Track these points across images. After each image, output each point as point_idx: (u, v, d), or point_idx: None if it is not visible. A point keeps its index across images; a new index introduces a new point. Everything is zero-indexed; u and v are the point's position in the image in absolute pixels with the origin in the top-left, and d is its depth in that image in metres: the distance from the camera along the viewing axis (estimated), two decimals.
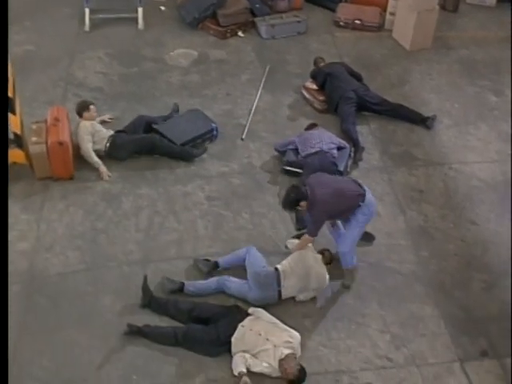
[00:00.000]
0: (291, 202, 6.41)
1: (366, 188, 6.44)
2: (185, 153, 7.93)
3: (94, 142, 7.72)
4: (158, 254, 6.84)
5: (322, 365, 5.91)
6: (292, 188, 6.46)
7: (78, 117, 7.86)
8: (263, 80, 9.34)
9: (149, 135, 7.98)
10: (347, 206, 6.34)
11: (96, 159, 7.67)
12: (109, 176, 7.65)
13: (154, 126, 8.10)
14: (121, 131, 8.00)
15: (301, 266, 6.32)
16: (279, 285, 6.25)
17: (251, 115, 8.69)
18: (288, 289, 6.28)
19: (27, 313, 6.20)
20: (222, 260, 6.61)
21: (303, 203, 6.32)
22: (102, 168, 7.66)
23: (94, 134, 7.72)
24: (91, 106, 7.91)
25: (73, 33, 10.23)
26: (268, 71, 9.51)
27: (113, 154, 7.83)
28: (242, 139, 8.33)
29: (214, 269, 6.56)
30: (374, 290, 6.56)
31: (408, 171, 7.99)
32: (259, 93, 9.11)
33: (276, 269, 6.32)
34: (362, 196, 6.34)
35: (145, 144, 7.88)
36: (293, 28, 10.45)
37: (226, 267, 6.59)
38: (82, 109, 7.86)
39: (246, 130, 8.45)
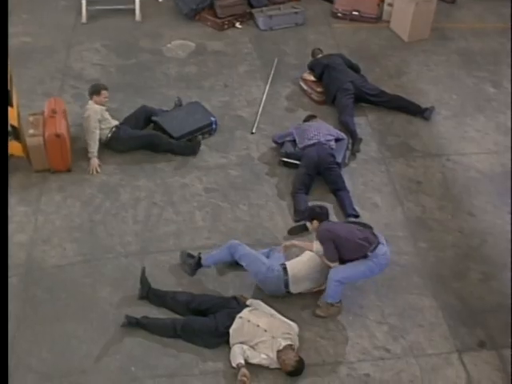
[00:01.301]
0: (307, 216, 6.39)
1: (382, 241, 6.06)
2: (185, 150, 7.89)
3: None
4: (156, 245, 6.84)
5: (319, 356, 5.92)
6: (313, 207, 6.48)
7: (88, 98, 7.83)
8: (272, 73, 9.31)
9: (150, 134, 7.95)
10: (349, 245, 6.02)
11: (94, 150, 7.62)
12: (97, 171, 7.59)
13: (153, 118, 8.08)
14: (123, 123, 7.95)
15: (318, 274, 6.24)
16: (287, 286, 6.21)
17: (261, 109, 8.66)
18: (297, 289, 6.26)
19: (25, 305, 6.20)
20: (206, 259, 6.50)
21: (315, 223, 6.24)
22: (94, 162, 7.61)
23: (101, 121, 7.67)
24: (103, 91, 7.76)
25: (70, 24, 10.21)
26: (272, 64, 9.47)
27: (112, 145, 7.82)
28: (253, 133, 8.30)
29: (197, 268, 6.47)
30: (371, 281, 6.51)
31: (406, 162, 7.99)
32: (268, 86, 9.07)
33: (285, 269, 6.20)
34: (369, 245, 5.98)
35: (145, 142, 7.86)
36: (291, 19, 10.42)
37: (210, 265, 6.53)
38: (93, 92, 7.76)
39: (255, 124, 8.40)
